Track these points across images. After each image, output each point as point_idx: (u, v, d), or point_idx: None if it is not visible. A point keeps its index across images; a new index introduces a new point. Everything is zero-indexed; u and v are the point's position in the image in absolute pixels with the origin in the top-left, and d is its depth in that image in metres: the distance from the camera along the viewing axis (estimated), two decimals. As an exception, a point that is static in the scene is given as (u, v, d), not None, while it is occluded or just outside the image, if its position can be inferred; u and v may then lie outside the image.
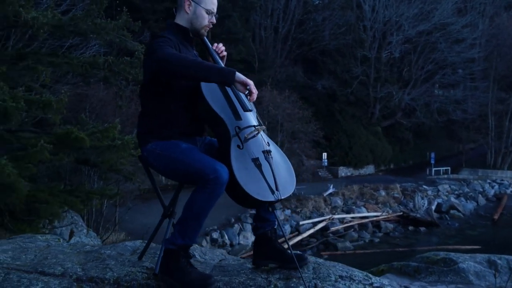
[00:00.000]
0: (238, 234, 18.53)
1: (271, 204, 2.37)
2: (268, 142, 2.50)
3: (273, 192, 2.31)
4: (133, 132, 10.05)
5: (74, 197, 9.32)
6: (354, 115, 35.77)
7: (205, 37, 2.54)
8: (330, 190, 25.58)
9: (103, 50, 13.78)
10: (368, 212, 24.32)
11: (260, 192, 2.29)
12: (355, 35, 36.08)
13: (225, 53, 2.70)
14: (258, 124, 2.50)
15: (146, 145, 2.42)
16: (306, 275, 2.40)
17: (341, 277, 2.39)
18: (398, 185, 28.65)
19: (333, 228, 21.58)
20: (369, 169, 35.60)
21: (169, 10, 26.48)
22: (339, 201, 24.66)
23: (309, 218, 22.16)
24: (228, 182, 2.24)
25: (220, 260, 2.92)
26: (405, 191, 28.30)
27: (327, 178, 30.60)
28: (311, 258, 2.64)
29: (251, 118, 2.48)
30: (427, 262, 4.16)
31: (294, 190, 2.52)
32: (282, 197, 2.34)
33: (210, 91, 2.39)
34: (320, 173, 30.53)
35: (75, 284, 2.36)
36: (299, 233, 20.54)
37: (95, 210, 12.87)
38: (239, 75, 2.19)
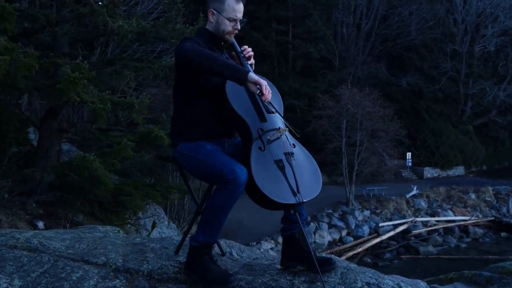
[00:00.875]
0: (314, 233, 18.53)
1: (293, 207, 2.34)
2: (293, 144, 2.50)
3: (294, 195, 2.30)
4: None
5: (155, 191, 10.04)
6: (442, 113, 34.03)
7: (234, 41, 2.60)
8: (414, 192, 24.65)
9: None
10: (455, 215, 23.13)
11: (279, 194, 2.28)
12: (444, 29, 34.31)
13: (252, 57, 2.69)
14: (283, 126, 2.49)
15: (176, 146, 2.53)
16: (333, 279, 2.38)
17: (368, 284, 2.34)
18: (490, 188, 26.86)
19: (415, 231, 20.85)
20: (459, 170, 33.70)
21: (253, 13, 27.07)
22: (423, 203, 23.71)
23: (390, 220, 21.58)
24: (247, 183, 2.28)
25: (253, 259, 2.92)
26: (498, 194, 26.49)
27: (411, 179, 29.50)
28: (343, 263, 2.60)
29: (276, 120, 2.48)
30: (502, 272, 3.94)
31: (318, 193, 2.43)
32: (304, 200, 2.32)
33: (234, 92, 2.43)
34: (403, 174, 29.51)
35: (111, 273, 2.49)
36: (378, 235, 20.09)
37: (177, 203, 13.65)
38: (252, 75, 2.25)
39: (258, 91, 2.27)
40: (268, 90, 2.27)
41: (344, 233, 19.82)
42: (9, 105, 11.29)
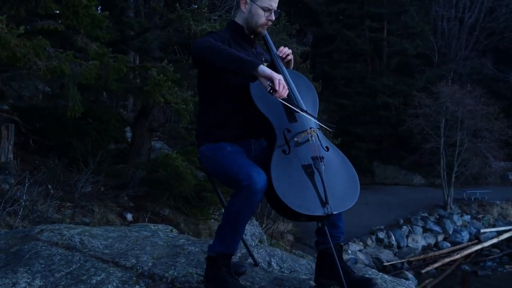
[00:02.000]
0: (407, 236, 17.75)
1: (320, 219, 2.09)
2: (326, 147, 2.25)
3: (323, 205, 2.04)
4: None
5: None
6: (560, 111, 30.63)
7: (267, 37, 2.42)
8: (523, 196, 22.55)
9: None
10: None
11: (304, 204, 2.02)
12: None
13: (290, 57, 2.44)
14: (315, 126, 2.25)
15: (200, 147, 2.39)
16: None
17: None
18: None
19: (522, 239, 19.09)
20: None
21: (345, 11, 26.58)
22: (533, 209, 21.61)
23: (493, 226, 19.97)
24: (268, 191, 2.05)
25: (290, 272, 2.69)
26: None
27: (521, 182, 26.98)
28: (390, 284, 2.36)
29: (308, 120, 2.24)
30: None
31: (354, 204, 2.14)
32: (334, 212, 2.05)
33: (259, 88, 2.17)
34: (510, 177, 27.07)
35: (134, 278, 2.41)
36: (479, 242, 18.68)
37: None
38: (263, 69, 2.03)
39: (270, 87, 2.02)
40: (282, 86, 2.02)
41: (440, 238, 18.70)
42: (110, 106, 12.35)
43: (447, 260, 16.69)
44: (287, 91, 2.07)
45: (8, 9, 6.16)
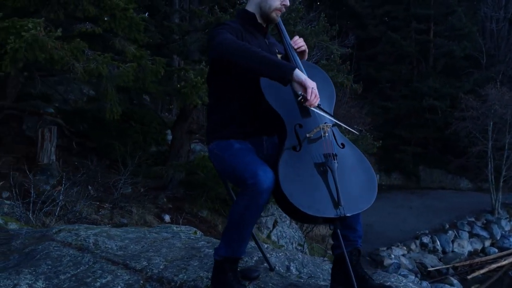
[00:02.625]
0: (452, 242, 17.06)
1: (332, 221, 1.93)
2: (342, 144, 2.10)
3: (336, 206, 1.88)
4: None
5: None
6: None
7: (281, 26, 2.29)
8: None
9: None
10: None
11: (313, 205, 1.87)
12: None
13: (304, 48, 2.34)
14: (331, 122, 2.09)
15: (209, 144, 2.29)
16: None
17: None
18: None
19: None
20: None
21: (390, 13, 26.00)
22: None
23: (549, 233, 18.86)
24: (275, 191, 1.94)
25: (308, 277, 2.55)
26: None
27: None
28: None
29: (321, 115, 2.07)
30: None
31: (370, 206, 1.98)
32: (348, 214, 1.89)
33: (270, 82, 2.03)
34: None
35: (141, 282, 2.33)
36: (532, 251, 17.67)
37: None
38: (299, 74, 1.90)
39: (301, 96, 1.90)
40: (314, 95, 1.89)
41: (487, 243, 17.87)
42: (152, 109, 12.54)
43: (494, 266, 15.93)
44: (318, 100, 1.94)
45: (47, 13, 6.32)
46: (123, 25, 6.85)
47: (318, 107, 1.98)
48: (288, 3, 2.25)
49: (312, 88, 1.90)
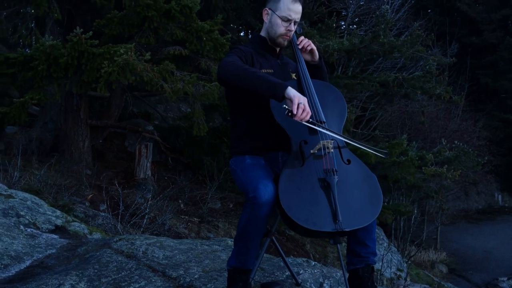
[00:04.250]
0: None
1: (331, 236, 1.96)
2: (348, 160, 2.16)
3: (334, 221, 1.92)
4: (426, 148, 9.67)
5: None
6: None
7: (294, 46, 2.43)
8: None
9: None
10: None
11: (310, 218, 1.92)
12: None
13: (310, 48, 2.44)
14: (340, 138, 2.18)
15: (230, 160, 2.43)
16: None
17: None
18: None
19: None
20: None
21: (508, 18, 23.95)
22: None
23: None
24: (277, 204, 2.01)
25: None
26: None
27: None
28: None
29: (323, 132, 2.17)
30: None
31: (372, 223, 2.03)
32: (346, 229, 1.91)
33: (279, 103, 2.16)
34: None
35: None
36: None
37: (404, 224, 12.88)
38: (289, 91, 2.00)
39: (286, 110, 1.98)
40: (302, 110, 1.96)
41: None
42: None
43: None
44: (309, 114, 2.01)
45: (139, 38, 6.81)
46: (208, 46, 7.13)
47: (310, 122, 2.06)
48: (293, 29, 2.36)
49: (300, 103, 1.97)
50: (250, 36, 13.47)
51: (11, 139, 9.22)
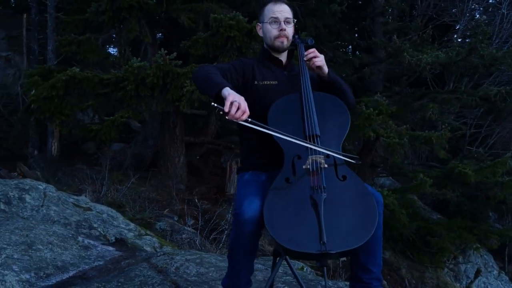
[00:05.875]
0: None
1: (316, 258, 1.85)
2: (343, 176, 2.01)
3: (320, 242, 1.79)
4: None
5: (471, 234, 8.93)
6: None
7: (300, 50, 2.38)
8: None
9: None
10: None
11: (293, 238, 1.81)
12: None
13: (318, 64, 2.29)
14: (336, 154, 2.04)
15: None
16: None
17: None
18: None
19: None
20: None
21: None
22: None
23: None
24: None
25: None
26: None
27: None
28: None
29: (327, 147, 2.07)
30: None
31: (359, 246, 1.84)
32: (332, 252, 1.78)
33: (277, 114, 2.16)
34: None
35: None
36: None
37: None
38: (224, 91, 1.96)
39: (217, 109, 1.89)
40: (236, 108, 1.87)
41: None
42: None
43: None
44: (245, 114, 1.91)
45: (223, 57, 7.03)
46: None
47: (248, 121, 1.94)
48: (284, 27, 2.32)
49: (235, 101, 1.88)
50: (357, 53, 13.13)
51: (115, 155, 10.03)
